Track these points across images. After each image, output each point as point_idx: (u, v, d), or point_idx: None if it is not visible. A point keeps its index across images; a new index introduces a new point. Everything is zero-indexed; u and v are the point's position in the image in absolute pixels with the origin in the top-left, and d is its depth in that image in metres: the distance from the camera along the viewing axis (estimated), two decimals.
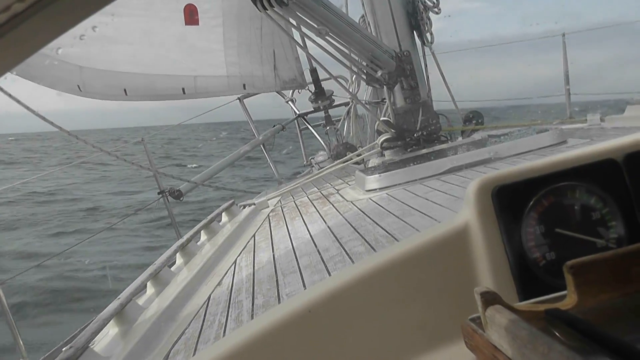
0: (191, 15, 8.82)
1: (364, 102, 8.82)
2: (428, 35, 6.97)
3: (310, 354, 1.08)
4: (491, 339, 0.86)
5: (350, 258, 3.54)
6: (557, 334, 0.83)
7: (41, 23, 0.49)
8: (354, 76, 7.91)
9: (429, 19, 7.00)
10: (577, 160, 1.11)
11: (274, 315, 1.10)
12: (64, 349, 2.86)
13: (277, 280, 3.56)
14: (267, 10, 5.07)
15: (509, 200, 1.09)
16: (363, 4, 7.00)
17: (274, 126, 10.26)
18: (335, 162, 7.24)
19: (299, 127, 10.58)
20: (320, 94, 9.94)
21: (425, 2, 6.97)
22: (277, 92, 10.53)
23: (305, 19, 5.43)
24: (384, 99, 8.31)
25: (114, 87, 8.01)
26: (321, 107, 10.14)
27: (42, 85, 7.24)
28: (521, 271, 1.08)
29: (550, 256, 1.08)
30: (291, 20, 5.54)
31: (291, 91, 10.51)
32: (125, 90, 8.03)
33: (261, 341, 1.06)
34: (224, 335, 2.89)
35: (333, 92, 10.01)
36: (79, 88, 7.59)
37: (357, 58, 6.13)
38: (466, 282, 1.12)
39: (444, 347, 1.08)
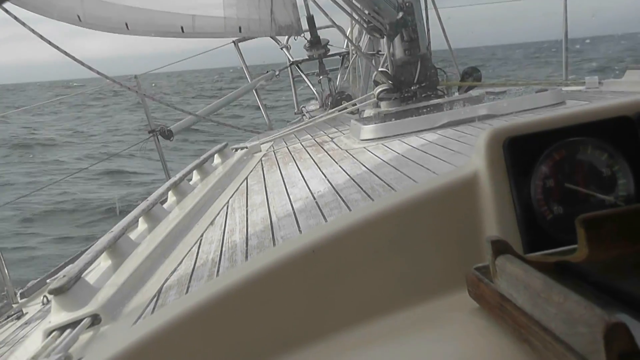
0: None
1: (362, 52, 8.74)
2: None
3: (314, 295, 1.06)
4: (499, 287, 0.86)
5: (346, 205, 3.52)
6: (571, 286, 0.81)
7: None
8: (355, 26, 7.81)
9: None
10: (590, 116, 1.10)
11: (277, 253, 1.08)
12: (57, 276, 2.83)
13: (271, 223, 3.55)
14: None
15: (520, 152, 1.08)
16: None
17: (267, 72, 10.17)
18: (331, 110, 7.18)
19: (292, 74, 10.48)
20: (315, 43, 9.83)
21: None
22: (271, 38, 10.41)
23: None
24: (380, 51, 8.24)
25: (116, 20, 7.87)
26: (315, 56, 10.05)
27: (39, 14, 7.07)
28: (528, 224, 1.07)
29: (558, 210, 1.08)
30: None
31: (286, 38, 10.39)
32: (126, 24, 7.90)
33: (264, 279, 1.04)
34: (217, 274, 2.87)
35: (329, 42, 9.91)
36: (79, 18, 7.43)
37: (359, 5, 6.03)
38: (472, 231, 1.11)
39: (446, 295, 1.06)
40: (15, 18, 5.16)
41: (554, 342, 0.69)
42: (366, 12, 6.09)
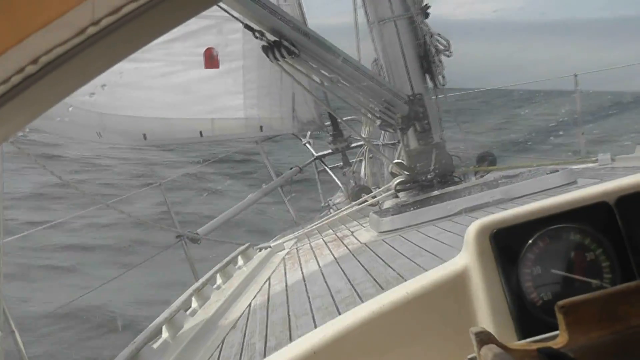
0: (211, 59, 8.99)
1: (380, 143, 8.91)
2: (440, 77, 7.09)
3: None
4: None
5: (361, 299, 3.61)
6: None
7: (54, 82, 0.58)
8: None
9: (441, 61, 7.12)
10: (571, 204, 1.16)
11: (280, 357, 1.16)
12: None
13: (289, 323, 3.65)
14: (279, 61, 5.24)
15: (507, 243, 1.14)
16: (375, 48, 7.17)
17: (291, 168, 10.35)
18: (350, 205, 7.33)
19: (316, 168, 10.63)
20: (337, 136, 10.00)
21: (437, 45, 7.10)
22: (294, 135, 10.65)
23: (317, 67, 5.60)
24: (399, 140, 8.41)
25: (134, 133, 8.17)
26: (339, 149, 10.18)
27: (61, 136, 7.41)
28: (519, 311, 1.12)
29: (547, 296, 1.12)
30: (302, 69, 5.69)
31: (308, 133, 10.60)
32: (144, 135, 8.19)
33: None
34: None
35: (351, 135, 10.06)
36: (99, 135, 7.75)
37: (369, 104, 6.26)
38: (467, 322, 1.15)
39: None
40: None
41: None
42: (377, 109, 6.31)
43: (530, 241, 1.14)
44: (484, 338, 0.92)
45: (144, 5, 0.57)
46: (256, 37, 5.12)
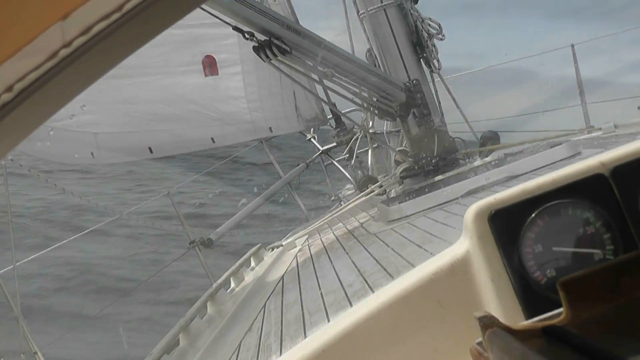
0: (210, 67, 9.01)
1: (384, 132, 8.92)
2: (435, 62, 7.09)
3: None
4: None
5: (372, 291, 3.63)
6: (555, 350, 0.88)
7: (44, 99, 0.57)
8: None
9: (434, 45, 7.13)
10: (567, 178, 1.16)
11: (290, 358, 1.18)
12: None
13: (303, 321, 3.67)
14: (272, 60, 5.25)
15: (505, 224, 1.14)
16: (368, 39, 7.18)
17: (298, 164, 10.38)
18: (357, 196, 7.35)
19: (323, 162, 10.66)
20: (341, 129, 10.02)
21: (428, 30, 7.10)
22: (300, 133, 10.68)
23: (311, 64, 5.61)
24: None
25: (137, 148, 8.18)
26: (344, 141, 10.20)
27: (51, 160, 7.42)
28: (524, 291, 1.12)
29: (551, 273, 1.12)
30: (296, 66, 5.70)
31: (312, 128, 10.63)
32: (150, 148, 8.21)
33: None
34: None
35: (354, 126, 10.07)
36: (92, 155, 7.72)
37: (366, 95, 6.27)
38: (473, 306, 1.15)
39: None
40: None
41: None
42: (374, 99, 6.32)
43: (529, 220, 1.14)
44: (488, 322, 0.92)
45: (114, 23, 0.56)
46: (246, 39, 5.14)
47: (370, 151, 9.25)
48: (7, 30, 0.54)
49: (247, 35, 5.13)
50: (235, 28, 5.08)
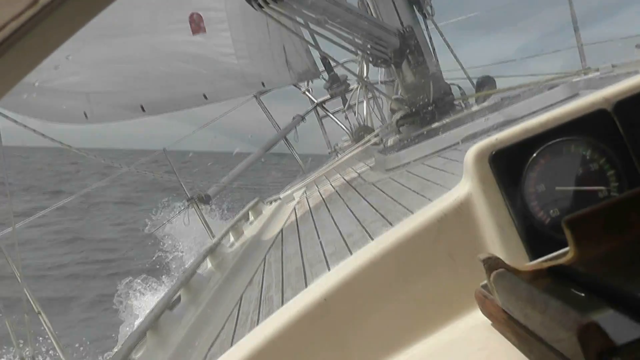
0: (197, 24, 8.90)
1: (379, 82, 8.83)
2: (428, 8, 6.97)
3: (329, 343, 1.10)
4: (500, 302, 0.90)
5: (372, 240, 3.60)
6: (563, 289, 0.85)
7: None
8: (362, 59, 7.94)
9: None
10: (569, 115, 1.12)
11: (290, 310, 1.13)
12: None
13: (304, 272, 3.65)
14: (263, 7, 5.13)
15: (507, 164, 1.11)
16: None
17: (294, 118, 10.32)
18: (354, 147, 7.30)
19: (318, 115, 10.60)
20: (334, 80, 9.95)
21: None
22: (293, 85, 10.60)
23: (303, 10, 5.49)
24: None
25: (128, 106, 8.11)
26: (337, 93, 10.15)
27: (45, 120, 7.35)
28: (528, 232, 1.09)
29: (555, 213, 1.09)
30: (288, 14, 5.59)
31: (306, 81, 10.56)
32: (142, 106, 8.14)
33: (278, 339, 1.08)
34: None
35: (347, 77, 10.00)
36: (85, 115, 7.67)
37: (360, 42, 6.17)
38: (476, 250, 1.11)
39: (462, 317, 1.09)
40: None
41: (547, 351, 0.73)
42: (368, 45, 6.22)
43: (530, 159, 1.11)
44: (493, 264, 0.91)
45: None
46: None
47: (365, 101, 9.17)
48: None
49: None
50: None
